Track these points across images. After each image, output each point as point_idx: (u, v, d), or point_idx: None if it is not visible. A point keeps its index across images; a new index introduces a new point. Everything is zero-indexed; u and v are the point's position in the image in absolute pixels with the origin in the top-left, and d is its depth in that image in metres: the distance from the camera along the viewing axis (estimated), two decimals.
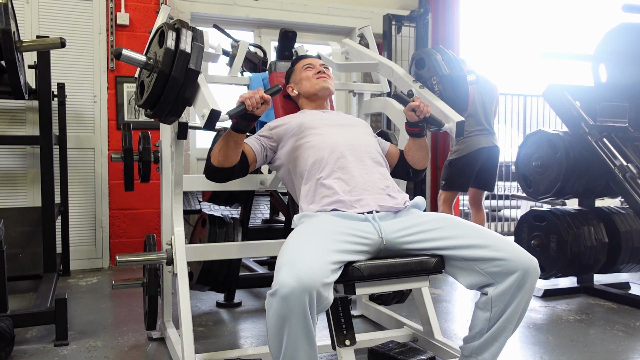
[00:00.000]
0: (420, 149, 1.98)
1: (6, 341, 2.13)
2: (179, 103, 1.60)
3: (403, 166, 2.04)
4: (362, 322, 2.66)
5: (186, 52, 1.55)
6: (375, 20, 4.83)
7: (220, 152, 1.72)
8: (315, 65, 2.08)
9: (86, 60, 3.93)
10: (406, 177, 2.09)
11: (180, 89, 1.57)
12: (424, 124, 1.88)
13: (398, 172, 2.06)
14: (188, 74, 1.56)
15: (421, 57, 2.10)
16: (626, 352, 2.29)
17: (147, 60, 1.62)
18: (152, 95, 1.58)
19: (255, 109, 1.61)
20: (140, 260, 2.09)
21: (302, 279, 1.28)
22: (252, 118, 1.65)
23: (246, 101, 1.60)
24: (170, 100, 1.58)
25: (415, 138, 1.95)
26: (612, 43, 3.36)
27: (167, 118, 1.67)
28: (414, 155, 2.00)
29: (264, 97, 1.62)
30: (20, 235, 3.31)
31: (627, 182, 2.83)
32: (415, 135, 1.94)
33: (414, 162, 2.01)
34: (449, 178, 3.82)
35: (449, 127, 1.87)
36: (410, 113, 1.83)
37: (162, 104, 1.60)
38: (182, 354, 1.86)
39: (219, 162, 1.73)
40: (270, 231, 3.78)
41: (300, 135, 1.86)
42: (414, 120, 1.85)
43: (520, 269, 1.48)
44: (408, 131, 1.94)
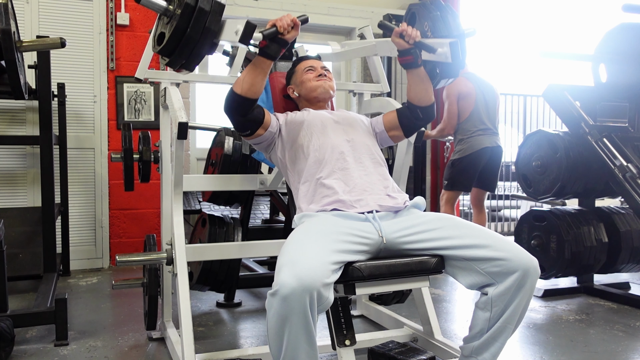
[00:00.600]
0: (422, 81, 1.88)
1: (6, 341, 2.13)
2: (204, 38, 1.57)
3: (408, 116, 1.95)
4: (362, 322, 2.66)
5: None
6: (375, 20, 4.83)
7: (245, 79, 1.71)
8: (316, 67, 2.08)
9: (86, 60, 3.93)
10: (418, 120, 1.95)
11: (207, 20, 1.54)
12: (415, 50, 1.80)
13: (407, 125, 1.96)
14: (214, 6, 1.55)
15: (412, 12, 2.04)
16: (626, 352, 2.29)
17: (167, 6, 1.60)
18: (176, 31, 1.54)
19: (286, 31, 1.63)
20: (140, 260, 2.09)
21: (302, 279, 1.29)
22: (282, 42, 1.66)
23: (277, 22, 1.62)
24: (195, 37, 1.55)
25: (412, 69, 1.86)
26: (612, 43, 3.36)
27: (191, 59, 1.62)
28: (416, 91, 1.90)
29: (295, 20, 1.64)
30: (20, 235, 3.31)
31: (627, 182, 2.83)
32: (410, 64, 1.84)
33: (419, 99, 1.91)
34: (452, 178, 3.81)
35: (443, 52, 1.76)
36: (398, 40, 1.77)
37: (186, 42, 1.56)
38: (182, 354, 1.86)
39: (243, 90, 1.72)
40: (270, 231, 3.78)
41: (301, 134, 1.86)
42: (404, 48, 1.79)
43: (520, 269, 1.48)
44: (401, 62, 1.85)
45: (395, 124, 1.98)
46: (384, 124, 1.99)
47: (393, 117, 1.99)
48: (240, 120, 1.79)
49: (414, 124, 1.98)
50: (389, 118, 2.00)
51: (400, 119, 1.97)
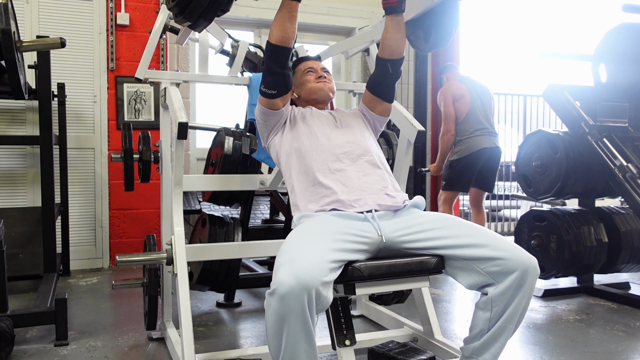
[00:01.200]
0: (399, 30, 1.87)
1: (6, 341, 2.13)
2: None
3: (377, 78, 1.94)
4: (362, 322, 2.66)
5: None
6: (375, 20, 4.83)
7: (276, 26, 1.72)
8: (316, 69, 2.07)
9: (86, 60, 3.93)
10: (388, 79, 1.93)
11: None
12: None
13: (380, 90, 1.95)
14: None
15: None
16: (626, 352, 2.29)
17: None
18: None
19: None
20: (140, 260, 2.09)
21: (300, 277, 1.28)
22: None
23: None
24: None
25: (393, 15, 1.85)
26: (612, 43, 3.36)
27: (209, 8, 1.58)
28: (392, 39, 1.87)
29: None
30: (20, 235, 3.31)
31: (627, 182, 2.83)
32: (393, 8, 1.82)
33: (392, 50, 1.89)
34: (450, 178, 3.81)
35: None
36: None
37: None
38: (182, 354, 1.86)
39: (276, 39, 1.72)
40: (270, 231, 3.78)
41: (301, 132, 1.86)
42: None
43: (519, 269, 1.48)
44: (384, 6, 1.83)
45: (372, 98, 1.98)
46: (366, 105, 2.00)
47: (367, 94, 1.99)
48: (277, 74, 1.78)
49: (385, 84, 1.95)
50: (366, 98, 2.00)
51: (372, 91, 1.97)
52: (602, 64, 3.44)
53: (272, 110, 1.86)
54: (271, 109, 1.86)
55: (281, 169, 1.91)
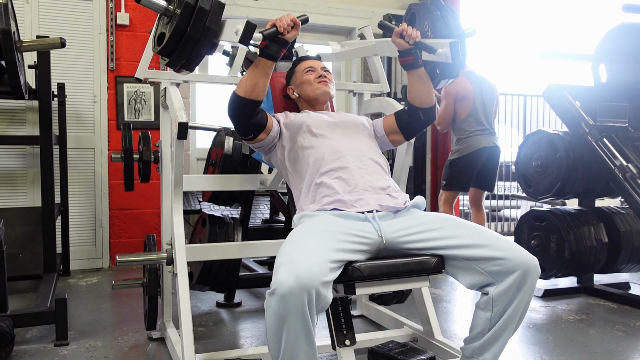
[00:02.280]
0: (423, 82, 1.87)
1: (6, 341, 2.13)
2: (204, 38, 1.56)
3: (408, 118, 1.94)
4: (362, 322, 2.66)
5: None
6: (375, 20, 4.83)
7: (248, 81, 1.71)
8: (316, 68, 2.07)
9: (86, 60, 3.93)
10: (420, 122, 1.94)
11: (207, 19, 1.54)
12: (416, 51, 1.80)
13: (407, 128, 1.95)
14: (214, 6, 1.55)
15: (412, 12, 2.04)
16: (626, 352, 2.29)
17: (167, 6, 1.59)
18: (176, 31, 1.54)
19: (286, 31, 1.63)
20: (140, 260, 2.09)
21: (300, 277, 1.28)
22: (282, 42, 1.67)
23: (277, 22, 1.63)
24: (195, 36, 1.54)
25: (413, 70, 1.86)
26: (612, 43, 3.36)
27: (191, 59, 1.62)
28: (418, 92, 1.89)
29: (294, 20, 1.64)
30: (20, 235, 3.31)
31: (627, 182, 2.83)
32: (411, 65, 1.84)
33: (420, 100, 1.90)
34: (450, 178, 3.81)
35: (443, 53, 1.75)
36: (398, 40, 1.77)
37: (186, 41, 1.55)
38: (182, 354, 1.86)
39: (246, 92, 1.72)
40: (270, 231, 3.78)
41: (301, 135, 1.86)
42: (404, 48, 1.79)
43: (520, 268, 1.48)
44: (402, 63, 1.85)
45: (394, 127, 1.97)
46: (384, 128, 1.99)
47: (392, 121, 1.98)
48: (245, 124, 1.79)
49: (414, 126, 1.96)
50: (388, 122, 1.99)
51: (399, 123, 1.97)
52: (602, 64, 3.44)
53: (261, 142, 1.88)
54: (259, 142, 1.88)
55: (285, 174, 1.91)
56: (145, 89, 4.03)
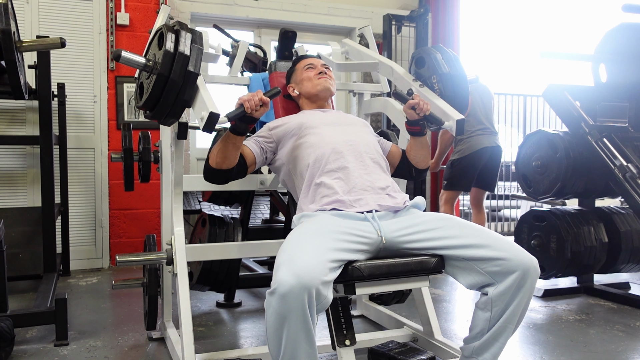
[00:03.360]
0: (422, 148, 1.97)
1: (6, 341, 2.13)
2: (178, 105, 1.60)
3: (405, 166, 2.03)
4: (362, 322, 2.66)
5: (185, 55, 1.55)
6: (375, 20, 4.83)
7: (218, 154, 1.72)
8: (316, 65, 2.08)
9: (86, 60, 3.93)
10: (409, 176, 2.08)
11: (179, 91, 1.56)
12: (424, 122, 1.88)
13: (401, 172, 2.06)
14: (187, 77, 1.56)
15: (421, 56, 2.10)
16: (626, 352, 2.29)
17: (146, 62, 1.62)
18: (151, 97, 1.58)
19: (254, 111, 1.62)
20: (140, 260, 2.09)
21: (301, 277, 1.28)
22: (250, 120, 1.65)
23: (245, 103, 1.61)
24: (169, 103, 1.58)
25: (416, 137, 1.94)
26: (612, 43, 3.36)
27: (166, 120, 1.67)
28: (416, 155, 1.98)
29: (263, 99, 1.62)
30: (20, 235, 3.31)
31: (627, 182, 2.83)
32: (416, 134, 1.93)
33: (416, 161, 2.00)
34: (451, 178, 3.82)
35: (449, 126, 1.87)
36: (409, 111, 1.83)
37: (161, 106, 1.60)
38: (182, 354, 1.86)
39: (217, 164, 1.73)
40: (270, 231, 3.78)
41: (300, 135, 1.86)
42: (414, 119, 1.86)
43: (520, 269, 1.48)
44: (408, 130, 1.93)
45: (394, 162, 2.05)
46: (388, 153, 2.04)
47: (397, 156, 2.05)
48: (224, 183, 1.82)
49: (405, 176, 2.09)
50: (394, 154, 2.05)
51: (399, 164, 2.05)
52: (602, 64, 3.44)
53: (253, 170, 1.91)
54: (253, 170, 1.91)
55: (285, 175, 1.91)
56: None
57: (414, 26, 4.85)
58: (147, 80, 1.63)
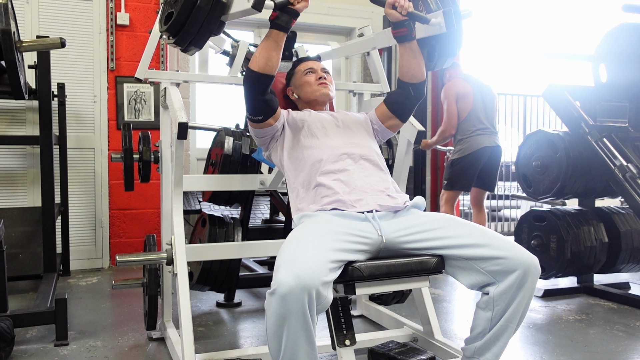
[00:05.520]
0: (414, 55, 1.84)
1: (6, 341, 2.13)
2: (214, 11, 1.53)
3: (402, 91, 1.92)
4: (362, 322, 2.66)
5: None
6: (375, 20, 4.83)
7: (261, 54, 1.71)
8: (316, 69, 2.07)
9: (86, 60, 3.93)
10: (410, 98, 1.92)
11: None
12: (409, 22, 1.77)
13: (399, 109, 1.94)
14: None
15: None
16: (626, 352, 2.29)
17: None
18: (185, 5, 1.51)
19: (296, 1, 1.64)
20: (140, 260, 2.09)
21: (301, 277, 1.28)
22: (293, 13, 1.67)
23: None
24: (205, 7, 1.51)
25: (406, 43, 1.83)
26: (612, 43, 3.36)
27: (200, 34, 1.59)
28: (409, 65, 1.86)
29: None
30: (20, 235, 3.31)
31: (627, 182, 2.83)
32: (404, 37, 1.80)
33: (411, 74, 1.87)
34: (452, 178, 3.82)
35: (437, 22, 1.73)
36: (391, 12, 1.74)
37: (195, 16, 1.52)
38: (182, 354, 1.86)
39: (260, 66, 1.71)
40: (270, 231, 3.78)
41: (302, 134, 1.86)
42: (397, 20, 1.77)
43: (520, 268, 1.48)
44: (395, 35, 1.82)
45: (387, 113, 1.97)
46: (379, 117, 1.99)
47: (383, 108, 1.98)
48: (259, 100, 1.77)
49: (405, 105, 1.94)
50: (380, 110, 1.99)
51: (390, 107, 1.96)
52: (602, 64, 3.44)
53: (266, 129, 1.86)
54: (265, 129, 1.86)
55: (284, 173, 1.91)
56: (145, 89, 4.03)
57: None
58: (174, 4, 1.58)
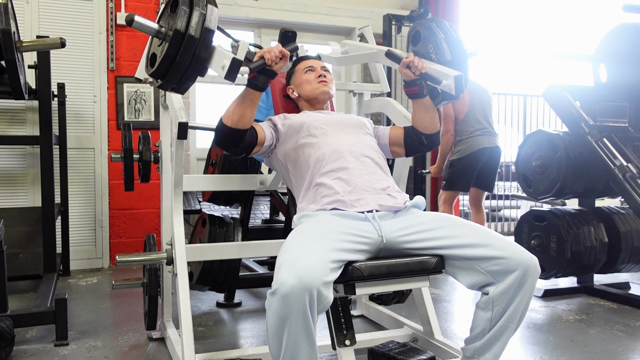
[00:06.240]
0: (427, 110, 1.90)
1: (6, 341, 2.13)
2: (194, 64, 1.56)
3: (414, 137, 1.95)
4: (362, 322, 2.66)
5: (201, 12, 1.54)
6: (375, 20, 4.83)
7: (235, 110, 1.70)
8: (316, 68, 2.08)
9: (86, 60, 3.93)
10: (422, 146, 1.97)
11: (196, 47, 1.53)
12: (421, 82, 1.82)
13: (412, 146, 1.97)
14: (205, 33, 1.54)
15: (416, 30, 2.05)
16: (626, 352, 2.29)
17: (159, 28, 1.60)
18: (166, 58, 1.54)
19: (274, 63, 1.62)
20: (140, 260, 2.09)
21: (302, 277, 1.28)
22: (270, 74, 1.65)
23: (265, 55, 1.61)
24: (185, 63, 1.54)
25: (418, 99, 1.88)
26: (612, 43, 3.36)
27: (181, 84, 1.61)
28: (421, 119, 1.91)
29: (283, 51, 1.63)
30: (20, 235, 3.31)
31: (627, 182, 2.83)
32: (416, 95, 1.87)
33: (423, 126, 1.92)
34: (450, 178, 3.82)
35: (447, 85, 1.78)
36: (405, 71, 1.79)
37: (176, 68, 1.55)
38: (182, 354, 1.86)
39: (233, 122, 1.71)
40: (270, 231, 3.78)
41: (301, 135, 1.86)
42: (410, 79, 1.81)
43: (520, 267, 1.48)
44: (407, 93, 1.87)
45: (400, 141, 1.98)
46: (389, 138, 2.00)
47: (400, 134, 1.99)
48: (233, 150, 1.80)
49: (417, 147, 1.99)
50: (395, 133, 2.00)
51: (406, 139, 1.98)
52: (602, 64, 3.44)
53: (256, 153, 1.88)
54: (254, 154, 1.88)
55: (285, 176, 1.91)
56: (145, 89, 4.03)
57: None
58: (159, 47, 1.60)
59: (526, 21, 7.66)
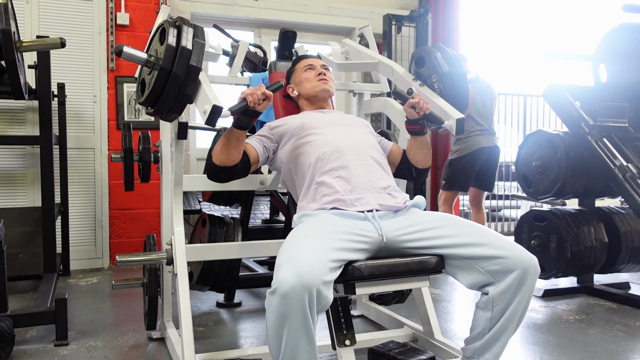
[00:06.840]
0: (422, 147, 1.96)
1: (6, 341, 2.13)
2: (180, 100, 1.59)
3: (406, 166, 2.02)
4: (362, 322, 2.66)
5: (187, 49, 1.55)
6: (375, 20, 4.83)
7: (222, 150, 1.72)
8: (316, 66, 2.08)
9: (86, 60, 3.93)
10: (410, 177, 2.06)
11: (181, 85, 1.56)
12: (424, 121, 1.88)
13: (401, 172, 2.05)
14: (189, 71, 1.56)
15: (421, 55, 2.10)
16: (626, 352, 2.29)
17: (148, 58, 1.62)
18: (153, 92, 1.58)
19: (256, 104, 1.61)
20: (140, 260, 2.09)
21: (302, 276, 1.28)
22: (253, 114, 1.65)
23: (248, 97, 1.61)
24: (171, 98, 1.58)
25: (417, 136, 1.94)
26: (612, 43, 3.36)
27: (168, 115, 1.66)
28: (415, 154, 1.98)
29: (266, 93, 1.62)
30: (20, 235, 3.31)
31: (627, 182, 2.83)
32: (416, 133, 1.93)
33: (416, 160, 1.99)
34: (450, 178, 3.82)
35: (449, 125, 1.86)
36: (409, 110, 1.83)
37: (163, 102, 1.59)
38: (182, 354, 1.86)
39: (221, 161, 1.73)
40: (270, 231, 3.78)
41: (301, 135, 1.86)
42: (414, 118, 1.86)
43: (520, 267, 1.48)
44: (408, 129, 1.93)
45: (395, 161, 2.04)
46: (390, 153, 2.04)
47: (398, 156, 2.05)
48: (227, 181, 1.81)
49: (406, 176, 2.07)
50: (395, 154, 2.05)
51: (400, 164, 2.04)
52: (602, 64, 3.44)
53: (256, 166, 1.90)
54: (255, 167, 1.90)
55: (287, 175, 1.92)
56: None
57: (414, 26, 4.85)
58: (148, 76, 1.63)
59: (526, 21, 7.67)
